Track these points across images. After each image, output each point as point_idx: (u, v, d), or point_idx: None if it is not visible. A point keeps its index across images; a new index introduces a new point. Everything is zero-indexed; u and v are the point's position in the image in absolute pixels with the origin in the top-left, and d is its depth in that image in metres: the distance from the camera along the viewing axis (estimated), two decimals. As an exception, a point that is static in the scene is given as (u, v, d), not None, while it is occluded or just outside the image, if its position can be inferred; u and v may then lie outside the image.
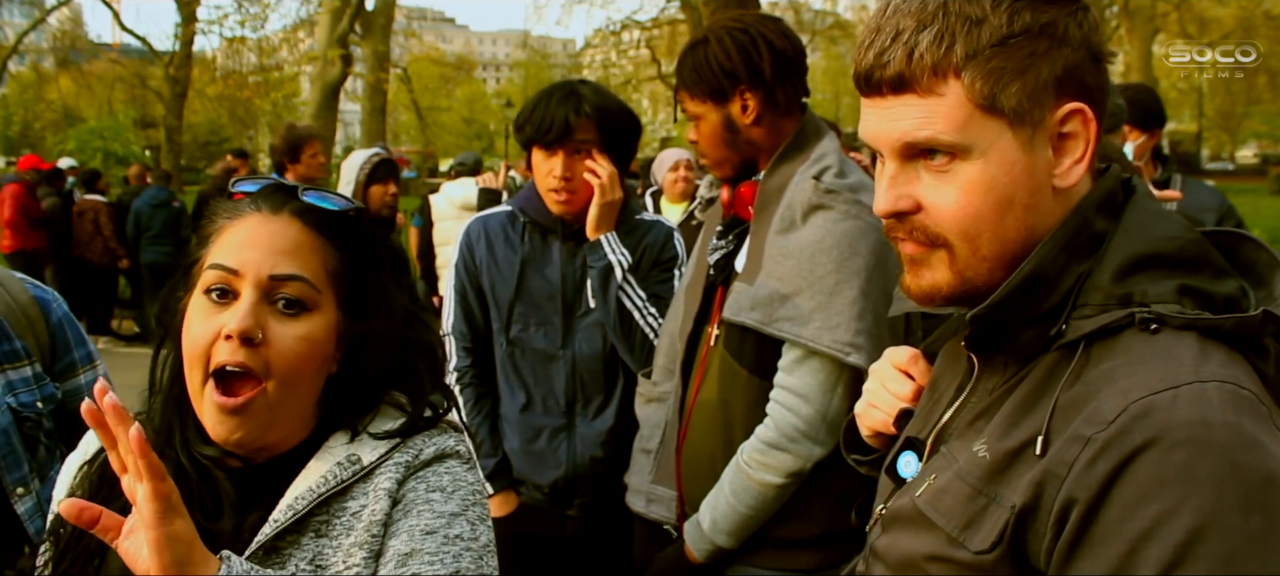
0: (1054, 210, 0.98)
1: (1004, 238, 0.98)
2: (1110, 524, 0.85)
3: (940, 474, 1.00)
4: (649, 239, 2.49)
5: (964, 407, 1.05)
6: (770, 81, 1.98)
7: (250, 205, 1.17)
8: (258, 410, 1.11)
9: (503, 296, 2.46)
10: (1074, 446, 0.88)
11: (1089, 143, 0.97)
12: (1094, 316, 0.94)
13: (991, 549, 0.92)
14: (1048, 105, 0.96)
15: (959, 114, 0.96)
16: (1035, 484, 0.90)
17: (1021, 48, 0.94)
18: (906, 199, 1.00)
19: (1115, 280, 0.95)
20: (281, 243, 1.14)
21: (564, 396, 2.43)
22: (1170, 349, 0.90)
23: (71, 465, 1.25)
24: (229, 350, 1.09)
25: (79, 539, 1.15)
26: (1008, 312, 0.97)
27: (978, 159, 0.96)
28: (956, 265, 1.00)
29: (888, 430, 1.21)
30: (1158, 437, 0.84)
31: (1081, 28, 0.96)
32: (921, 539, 0.99)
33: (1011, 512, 0.91)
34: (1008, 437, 0.95)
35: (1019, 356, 0.99)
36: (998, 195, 0.97)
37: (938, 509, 0.98)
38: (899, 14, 0.98)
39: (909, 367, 1.21)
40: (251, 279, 1.12)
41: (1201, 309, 0.93)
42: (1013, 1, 0.95)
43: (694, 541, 2.01)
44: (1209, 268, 0.96)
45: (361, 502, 1.14)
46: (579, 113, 2.34)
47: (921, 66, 0.96)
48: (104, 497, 1.13)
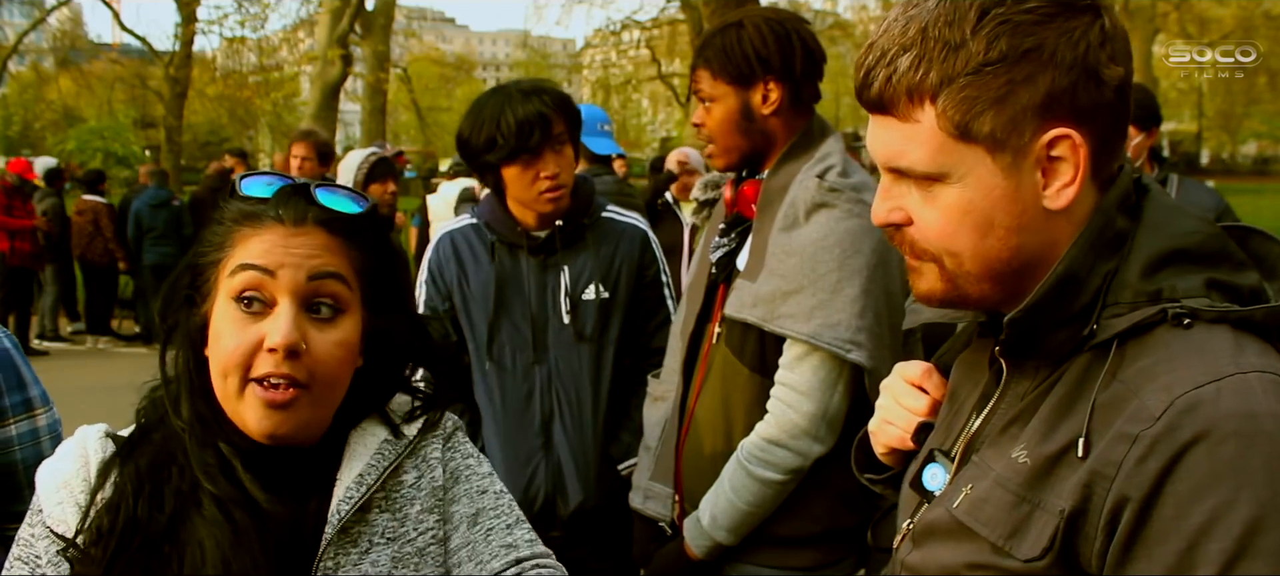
0: (1046, 230, 0.97)
1: (986, 257, 0.98)
2: (1166, 520, 0.84)
3: (977, 483, 0.99)
4: (623, 250, 2.43)
5: (994, 414, 1.03)
6: (799, 77, 1.98)
7: (271, 214, 1.14)
8: (301, 408, 1.11)
9: (479, 318, 2.40)
10: (1121, 445, 0.87)
11: (1079, 166, 0.94)
12: (1126, 314, 0.94)
13: (1042, 555, 0.91)
14: (1029, 132, 0.94)
15: (933, 141, 0.96)
16: (1082, 486, 0.89)
17: (998, 76, 0.93)
18: (898, 211, 1.02)
19: (1143, 277, 0.95)
20: (313, 251, 1.13)
21: (540, 414, 2.38)
22: (1206, 342, 0.90)
23: (61, 481, 1.13)
24: (273, 363, 1.09)
25: (133, 533, 1.09)
26: (1043, 315, 0.97)
27: (955, 183, 0.97)
28: (946, 275, 1.01)
29: (905, 445, 1.19)
30: (1207, 431, 0.83)
31: (1076, 46, 0.93)
32: (962, 549, 0.98)
33: (1061, 517, 0.90)
34: (1048, 442, 0.94)
35: (1051, 359, 0.98)
36: (976, 218, 0.97)
37: (979, 518, 0.97)
38: (888, 33, 0.98)
39: (923, 382, 1.20)
40: (288, 285, 1.11)
41: (1228, 301, 0.93)
42: (996, 26, 0.93)
43: (693, 538, 2.01)
44: (1230, 260, 0.96)
45: (416, 474, 1.23)
46: (548, 106, 2.28)
47: (898, 91, 0.97)
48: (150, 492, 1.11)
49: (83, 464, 1.15)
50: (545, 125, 2.26)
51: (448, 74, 38.60)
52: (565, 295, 2.37)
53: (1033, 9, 0.93)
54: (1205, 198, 3.68)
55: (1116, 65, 0.95)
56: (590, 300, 2.39)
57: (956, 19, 0.94)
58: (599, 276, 2.39)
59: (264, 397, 1.09)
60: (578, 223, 2.40)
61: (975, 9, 0.93)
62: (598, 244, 2.40)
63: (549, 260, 2.39)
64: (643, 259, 2.45)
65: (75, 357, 10.05)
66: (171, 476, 1.12)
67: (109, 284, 10.77)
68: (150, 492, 1.11)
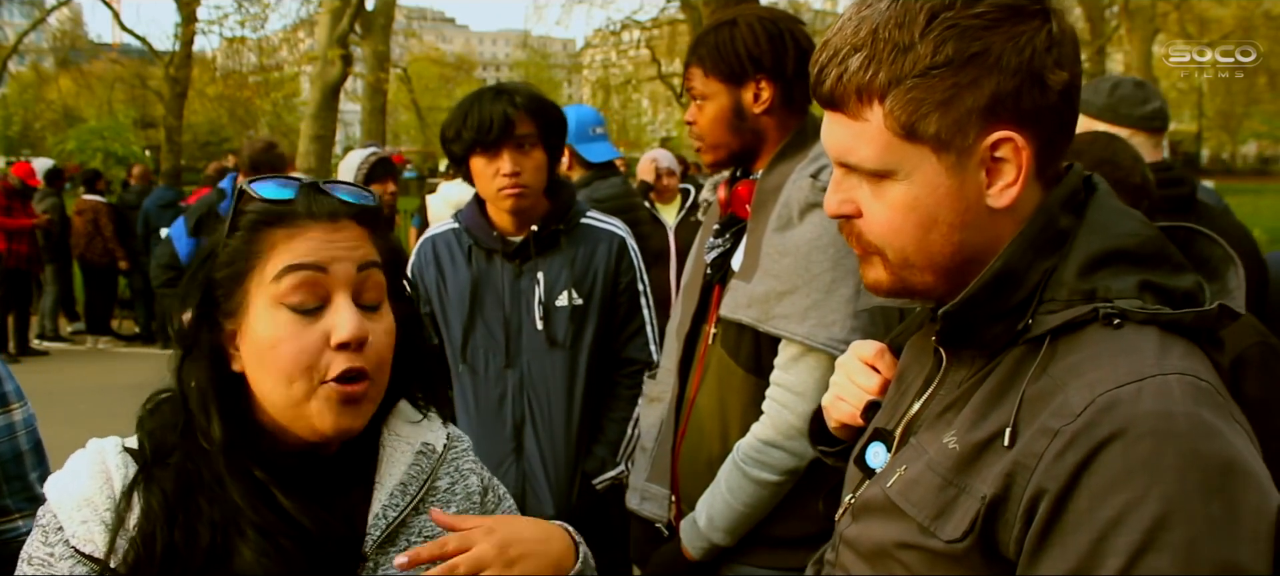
0: (988, 227, 1.01)
1: (929, 251, 1.02)
2: (1079, 513, 0.87)
3: (911, 465, 1.03)
4: (599, 257, 2.43)
5: (932, 400, 1.07)
6: (791, 76, 1.99)
7: (303, 214, 1.12)
8: (367, 401, 1.13)
9: (455, 322, 2.42)
10: (1043, 438, 0.90)
11: (1022, 167, 0.98)
12: (1059, 311, 0.97)
13: (962, 538, 0.94)
14: (974, 133, 0.97)
15: (880, 139, 0.99)
16: (1005, 475, 0.92)
17: (944, 79, 0.96)
18: (849, 204, 1.06)
19: (1080, 276, 0.98)
20: (355, 243, 1.14)
21: (512, 419, 2.39)
22: (1133, 343, 0.93)
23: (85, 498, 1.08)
24: (346, 359, 1.09)
25: (173, 562, 1.06)
26: (977, 308, 1.00)
27: (902, 181, 1.00)
28: (892, 268, 1.05)
29: (855, 422, 1.24)
30: (1124, 429, 0.87)
31: (1022, 51, 0.95)
32: (892, 527, 1.02)
33: (982, 503, 0.93)
34: (976, 429, 0.97)
35: (987, 350, 1.02)
36: (921, 215, 1.00)
37: (909, 499, 1.01)
38: (841, 32, 1.01)
39: (875, 361, 1.25)
40: (342, 279, 1.11)
41: (1161, 303, 0.96)
42: (944, 29, 0.95)
43: (690, 539, 2.02)
44: (1167, 263, 0.99)
45: (449, 480, 1.27)
46: (515, 106, 2.30)
47: (848, 89, 1.00)
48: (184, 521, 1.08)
49: (105, 481, 1.09)
50: (506, 124, 2.29)
51: (448, 74, 38.56)
52: (538, 302, 2.38)
53: (981, 13, 0.95)
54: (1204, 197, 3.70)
55: (1062, 70, 0.97)
56: (563, 307, 2.39)
57: (907, 21, 0.97)
58: (573, 282, 2.40)
59: (341, 394, 1.09)
60: (553, 228, 2.40)
61: (925, 12, 0.96)
62: (573, 250, 2.41)
63: (524, 265, 2.40)
64: (619, 266, 2.45)
65: (75, 357, 10.05)
66: (202, 505, 1.09)
67: (109, 284, 10.78)
68: (184, 521, 1.08)
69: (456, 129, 2.36)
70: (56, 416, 2.13)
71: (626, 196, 4.20)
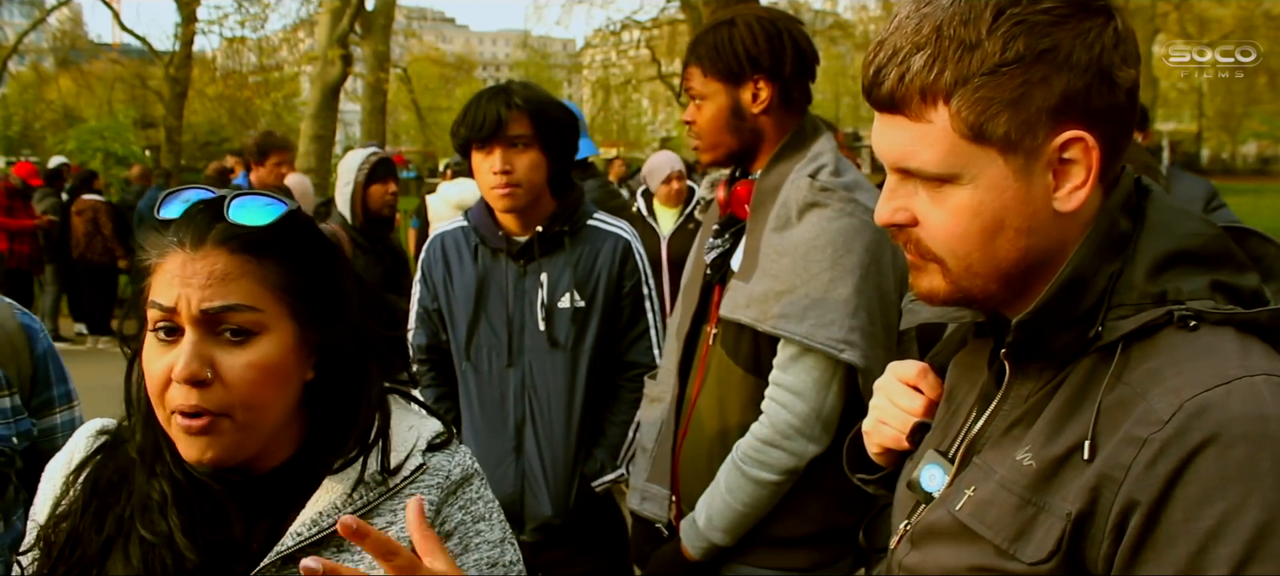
0: (1054, 232, 0.97)
1: (995, 258, 0.98)
2: (1175, 524, 0.84)
3: (980, 485, 0.98)
4: (603, 259, 2.44)
5: (996, 416, 1.02)
6: (789, 76, 1.99)
7: (173, 239, 1.08)
8: (224, 432, 1.07)
9: (460, 320, 2.44)
10: (1130, 448, 0.87)
11: (1091, 168, 0.94)
12: (1131, 316, 0.93)
13: (1049, 559, 0.90)
14: (1043, 134, 0.93)
15: (945, 142, 0.95)
16: (1089, 489, 0.88)
17: (1014, 77, 0.91)
18: (903, 212, 1.00)
19: (1149, 279, 0.94)
20: (213, 276, 1.06)
21: (514, 418, 2.40)
22: (1212, 345, 0.90)
23: (55, 474, 1.19)
24: (182, 395, 1.05)
25: (74, 547, 1.11)
26: (1049, 317, 0.96)
27: (967, 184, 0.95)
28: (951, 277, 1.00)
29: (900, 445, 1.18)
30: (1217, 434, 0.84)
31: (1091, 48, 0.92)
32: (965, 552, 0.97)
33: (1068, 520, 0.89)
34: (1053, 444, 0.93)
35: (1055, 361, 0.98)
36: (986, 220, 0.96)
37: (983, 521, 0.96)
38: (900, 31, 0.96)
39: (918, 382, 1.18)
40: (187, 317, 1.06)
41: (1232, 303, 0.93)
42: (1012, 25, 0.91)
43: (689, 538, 2.02)
44: (1232, 262, 0.96)
45: (388, 519, 1.14)
46: (510, 106, 2.32)
47: (911, 90, 0.95)
48: (96, 510, 1.12)
49: (69, 459, 1.18)
50: (499, 122, 2.31)
51: (448, 74, 38.52)
52: (541, 302, 2.39)
53: (1048, 9, 0.92)
54: (1195, 188, 3.93)
55: (1129, 67, 0.94)
56: (566, 308, 2.40)
57: (972, 18, 0.92)
58: (576, 284, 2.40)
59: (182, 424, 1.06)
60: (558, 229, 2.41)
61: (991, 8, 0.92)
62: (577, 251, 2.41)
63: (528, 265, 2.41)
64: (622, 269, 2.45)
65: (75, 358, 10.04)
66: (121, 498, 1.12)
67: (109, 283, 10.77)
68: (97, 509, 1.11)
69: (457, 123, 2.40)
70: (56, 416, 2.13)
71: (609, 199, 4.15)
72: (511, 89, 2.39)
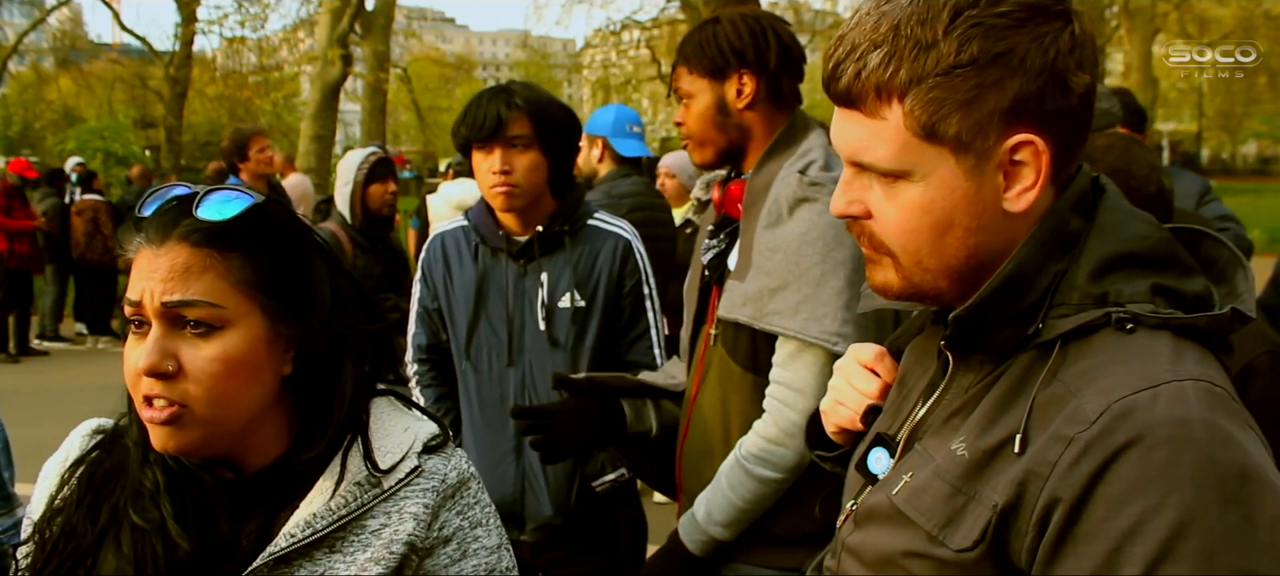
0: (1004, 231, 0.98)
1: (945, 255, 0.99)
2: (1095, 522, 0.86)
3: (917, 471, 1.01)
4: (603, 259, 2.43)
5: (938, 405, 1.05)
6: (773, 71, 2.00)
7: (141, 237, 1.11)
8: (189, 425, 1.08)
9: (460, 319, 2.44)
10: (1056, 446, 0.88)
11: (1041, 171, 0.95)
12: (1071, 316, 0.95)
13: (973, 547, 0.92)
14: (994, 136, 0.94)
15: (898, 139, 0.96)
16: (1016, 483, 0.90)
17: (968, 79, 0.93)
18: (857, 204, 1.02)
19: (1091, 279, 0.96)
20: (175, 271, 1.08)
21: (514, 419, 2.38)
22: (1147, 348, 0.91)
23: (51, 471, 1.21)
24: (146, 385, 1.07)
25: (68, 540, 1.13)
26: (989, 312, 0.98)
27: (919, 182, 0.97)
28: (903, 271, 1.02)
29: (854, 426, 1.22)
30: (1140, 436, 0.85)
31: (1046, 52, 0.93)
32: (899, 536, 1.00)
33: (993, 511, 0.91)
34: (986, 436, 0.95)
35: (996, 355, 1.00)
36: (937, 217, 0.97)
37: (916, 507, 0.98)
38: (860, 27, 0.97)
39: (875, 364, 1.22)
40: (151, 311, 1.08)
41: (1173, 307, 0.94)
42: (968, 27, 0.92)
43: (688, 533, 2.02)
44: (1178, 266, 0.98)
45: (382, 521, 1.14)
46: (511, 106, 2.32)
47: (867, 86, 0.96)
48: (90, 503, 1.14)
49: (65, 457, 1.20)
50: (499, 122, 2.31)
51: (448, 74, 38.54)
52: (541, 302, 2.39)
53: (1006, 12, 0.93)
54: (1189, 184, 3.97)
55: (1083, 72, 0.95)
56: (566, 308, 2.40)
57: (929, 18, 0.93)
58: (576, 284, 2.40)
59: (146, 415, 1.09)
60: (558, 228, 2.41)
61: (949, 9, 0.93)
62: (578, 251, 2.41)
63: (528, 265, 2.41)
64: (623, 269, 2.44)
65: (75, 357, 10.05)
66: (116, 489, 1.14)
67: (109, 283, 10.77)
68: (92, 502, 1.13)
69: (459, 122, 2.41)
70: (56, 416, 2.13)
71: (651, 206, 4.08)
72: (512, 89, 2.39)
